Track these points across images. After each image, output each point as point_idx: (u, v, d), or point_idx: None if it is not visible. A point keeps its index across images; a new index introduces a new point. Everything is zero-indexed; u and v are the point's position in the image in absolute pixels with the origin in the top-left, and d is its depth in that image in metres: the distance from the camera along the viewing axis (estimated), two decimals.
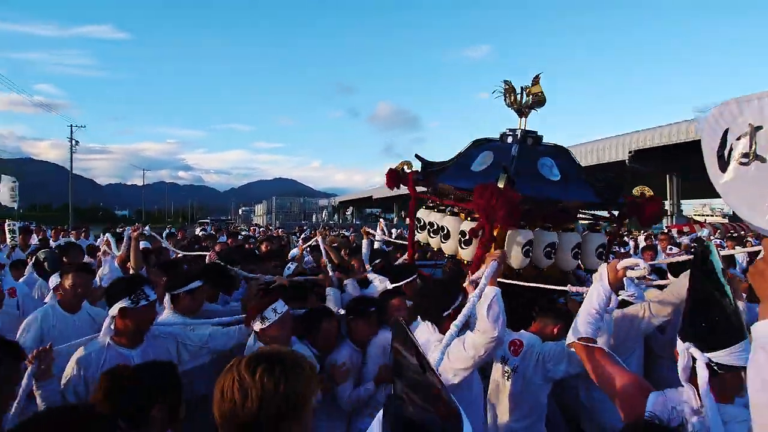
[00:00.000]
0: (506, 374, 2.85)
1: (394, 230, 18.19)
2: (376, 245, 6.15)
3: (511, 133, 3.94)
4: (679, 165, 27.14)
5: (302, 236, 13.71)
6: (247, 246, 7.93)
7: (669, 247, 8.42)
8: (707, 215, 43.74)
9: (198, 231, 12.91)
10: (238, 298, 4.02)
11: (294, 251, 6.17)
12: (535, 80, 3.94)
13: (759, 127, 1.10)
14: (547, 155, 3.85)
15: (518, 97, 3.93)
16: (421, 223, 4.24)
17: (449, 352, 2.12)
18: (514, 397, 2.79)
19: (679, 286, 2.80)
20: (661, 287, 3.31)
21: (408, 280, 3.82)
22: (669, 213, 28.53)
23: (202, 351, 2.70)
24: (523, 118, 3.96)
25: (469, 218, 3.65)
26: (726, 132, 1.19)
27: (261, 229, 22.43)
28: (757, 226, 1.19)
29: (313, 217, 46.26)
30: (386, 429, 0.91)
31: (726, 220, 33.20)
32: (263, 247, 6.90)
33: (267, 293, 3.29)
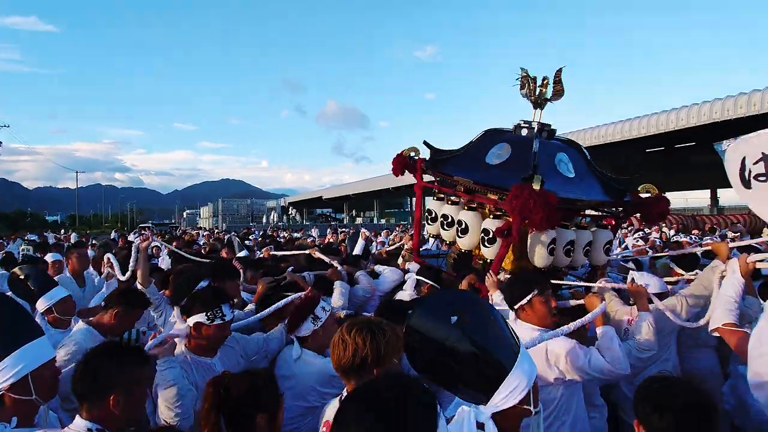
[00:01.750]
0: None
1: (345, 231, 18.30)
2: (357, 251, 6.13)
3: (526, 125, 3.82)
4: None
5: (251, 238, 13.49)
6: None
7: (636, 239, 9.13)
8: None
9: (132, 236, 12.31)
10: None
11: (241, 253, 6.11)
12: (558, 73, 3.83)
13: (765, 154, 1.64)
14: (562, 150, 3.78)
15: (536, 87, 3.82)
16: (432, 215, 4.09)
17: (562, 355, 2.38)
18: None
19: (705, 278, 3.01)
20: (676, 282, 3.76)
21: (432, 282, 3.79)
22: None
23: (260, 356, 2.72)
24: (539, 110, 3.84)
25: (491, 216, 3.52)
26: (744, 159, 1.70)
27: (205, 232, 21.57)
28: None
29: (263, 218, 45.13)
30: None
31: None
32: (224, 253, 6.51)
33: (282, 289, 3.35)
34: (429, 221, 4.17)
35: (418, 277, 4.01)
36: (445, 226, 3.85)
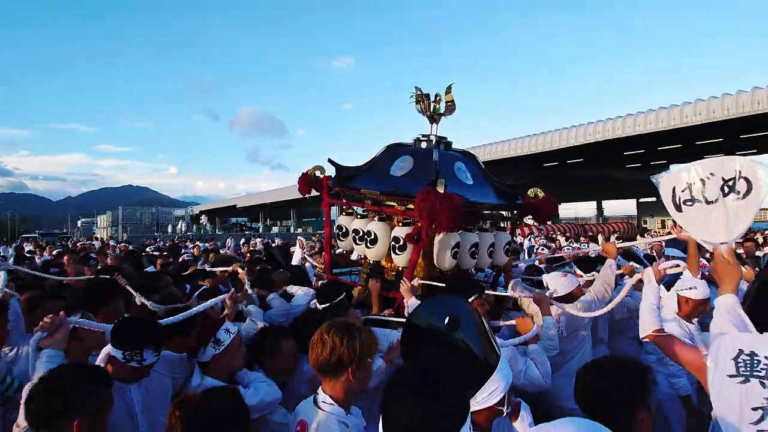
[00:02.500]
0: None
1: (261, 241, 17.66)
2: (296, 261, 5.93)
3: (424, 138, 4.08)
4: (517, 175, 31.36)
5: (151, 249, 12.60)
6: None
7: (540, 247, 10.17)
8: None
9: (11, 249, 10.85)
10: None
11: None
12: (448, 89, 4.13)
13: (692, 183, 1.97)
14: (460, 160, 4.04)
15: (431, 104, 4.09)
16: (343, 231, 4.17)
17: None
18: None
19: (605, 275, 3.59)
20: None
21: (339, 298, 3.35)
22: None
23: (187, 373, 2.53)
24: (435, 125, 4.13)
25: (400, 224, 3.69)
26: (674, 188, 2.03)
27: (99, 244, 19.20)
28: (703, 240, 1.98)
29: (169, 228, 41.81)
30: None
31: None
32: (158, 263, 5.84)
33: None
34: (341, 237, 4.23)
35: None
36: (357, 241, 3.95)
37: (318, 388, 1.97)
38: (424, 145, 4.08)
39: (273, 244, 11.34)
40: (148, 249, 11.48)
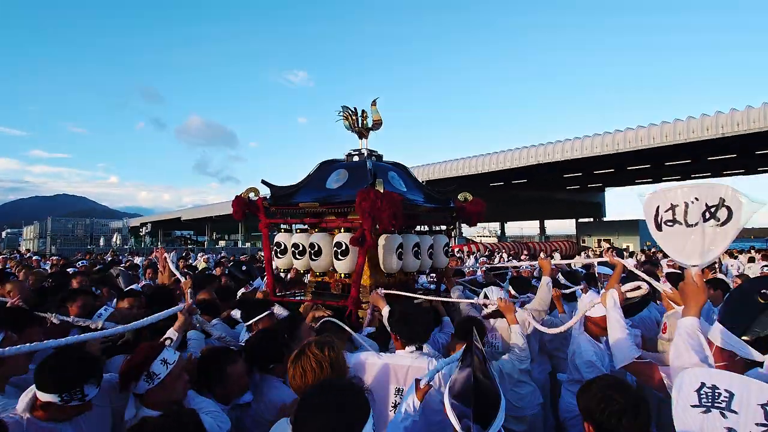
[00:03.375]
0: None
1: (201, 256, 16.89)
2: None
3: (356, 152, 4.32)
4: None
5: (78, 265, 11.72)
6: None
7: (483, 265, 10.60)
8: (483, 235, 52.66)
9: None
10: None
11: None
12: (373, 104, 4.36)
13: (676, 205, 1.98)
14: (392, 170, 4.29)
15: (358, 120, 4.35)
16: (282, 247, 4.16)
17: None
18: None
19: (542, 293, 3.77)
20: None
21: (263, 315, 3.26)
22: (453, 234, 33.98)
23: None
24: (364, 139, 4.39)
25: (341, 230, 3.82)
26: (658, 207, 2.04)
27: (16, 257, 16.86)
28: (680, 261, 2.00)
29: (101, 240, 38.92)
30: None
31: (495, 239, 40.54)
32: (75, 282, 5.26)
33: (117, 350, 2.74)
34: (279, 254, 4.20)
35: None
36: (297, 255, 3.99)
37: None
38: (356, 158, 4.27)
39: (232, 262, 10.91)
40: (78, 264, 10.57)
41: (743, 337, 1.67)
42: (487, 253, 18.52)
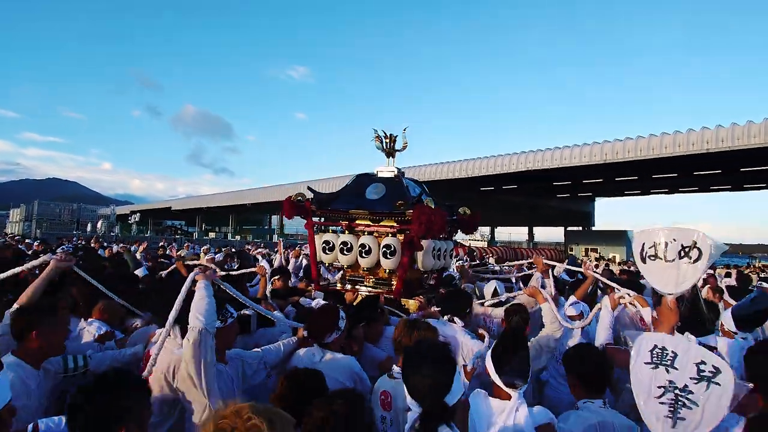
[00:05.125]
0: None
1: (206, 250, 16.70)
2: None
3: (386, 169, 5.06)
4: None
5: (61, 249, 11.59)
6: None
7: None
8: (473, 239, 52.90)
9: None
10: None
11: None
12: (404, 130, 5.20)
13: (658, 243, 2.37)
14: (417, 186, 5.12)
15: (388, 143, 5.12)
16: (330, 245, 4.73)
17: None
18: None
19: (532, 288, 3.91)
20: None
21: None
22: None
23: (260, 367, 2.80)
24: (392, 158, 5.12)
25: (389, 235, 4.55)
26: (644, 243, 2.45)
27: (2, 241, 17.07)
28: (658, 289, 2.39)
29: (88, 226, 38.23)
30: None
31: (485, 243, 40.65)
32: None
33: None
34: (327, 251, 4.79)
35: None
36: (344, 252, 4.64)
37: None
38: (385, 174, 5.06)
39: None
40: (59, 250, 10.42)
41: None
42: (468, 257, 18.56)
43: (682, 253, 2.40)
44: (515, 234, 53.76)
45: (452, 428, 1.64)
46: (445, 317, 3.53)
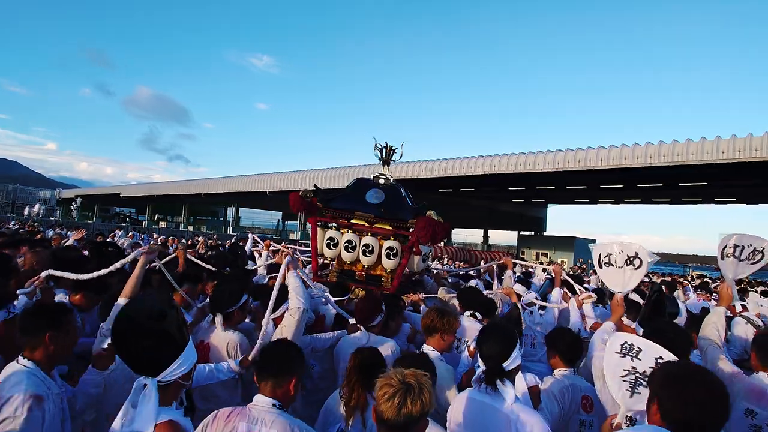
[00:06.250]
0: None
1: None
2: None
3: (382, 176, 5.46)
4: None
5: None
6: None
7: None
8: None
9: None
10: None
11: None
12: (402, 144, 5.66)
13: (611, 253, 3.31)
14: (407, 193, 5.48)
15: (386, 152, 5.56)
16: (334, 242, 5.04)
17: None
18: None
19: (507, 284, 5.11)
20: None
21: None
22: None
23: (307, 351, 3.05)
24: (386, 166, 5.57)
25: (392, 238, 4.94)
26: (600, 253, 3.34)
27: None
28: (611, 288, 3.34)
29: (26, 210, 35.47)
30: None
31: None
32: None
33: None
34: (331, 247, 5.09)
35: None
36: (349, 249, 4.97)
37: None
38: (381, 181, 5.43)
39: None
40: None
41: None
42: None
43: (628, 262, 3.21)
44: (471, 236, 54.99)
45: (505, 383, 2.18)
46: (467, 312, 4.10)
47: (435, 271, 6.63)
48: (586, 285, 6.86)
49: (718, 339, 2.85)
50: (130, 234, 14.19)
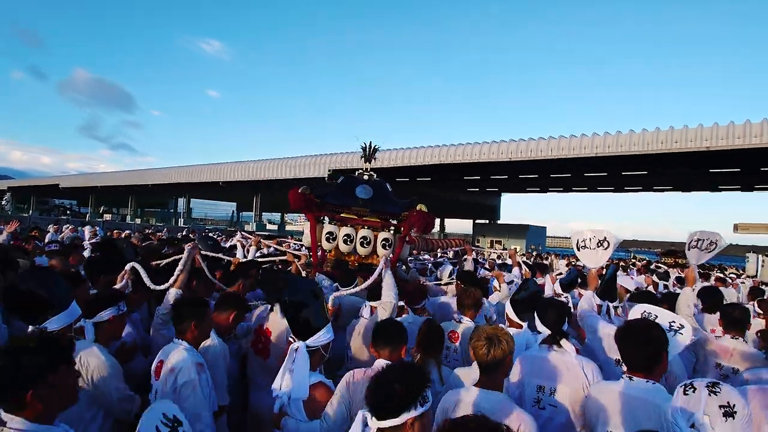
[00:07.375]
0: None
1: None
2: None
3: (367, 173, 5.89)
4: None
5: None
6: None
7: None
8: None
9: None
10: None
11: None
12: (382, 143, 6.34)
13: (585, 238, 4.15)
14: (389, 188, 5.87)
15: (369, 151, 6.05)
16: (333, 236, 5.39)
17: None
18: None
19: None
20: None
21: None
22: None
23: None
24: (368, 163, 5.99)
25: (386, 230, 5.51)
26: (578, 240, 4.18)
27: None
28: (587, 264, 4.21)
29: None
30: None
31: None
32: None
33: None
34: (330, 240, 5.43)
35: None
36: (347, 242, 5.38)
37: None
38: (366, 177, 5.85)
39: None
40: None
41: None
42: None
43: (598, 244, 4.03)
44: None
45: (569, 339, 2.84)
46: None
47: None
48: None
49: (690, 313, 3.57)
50: (70, 227, 13.30)
